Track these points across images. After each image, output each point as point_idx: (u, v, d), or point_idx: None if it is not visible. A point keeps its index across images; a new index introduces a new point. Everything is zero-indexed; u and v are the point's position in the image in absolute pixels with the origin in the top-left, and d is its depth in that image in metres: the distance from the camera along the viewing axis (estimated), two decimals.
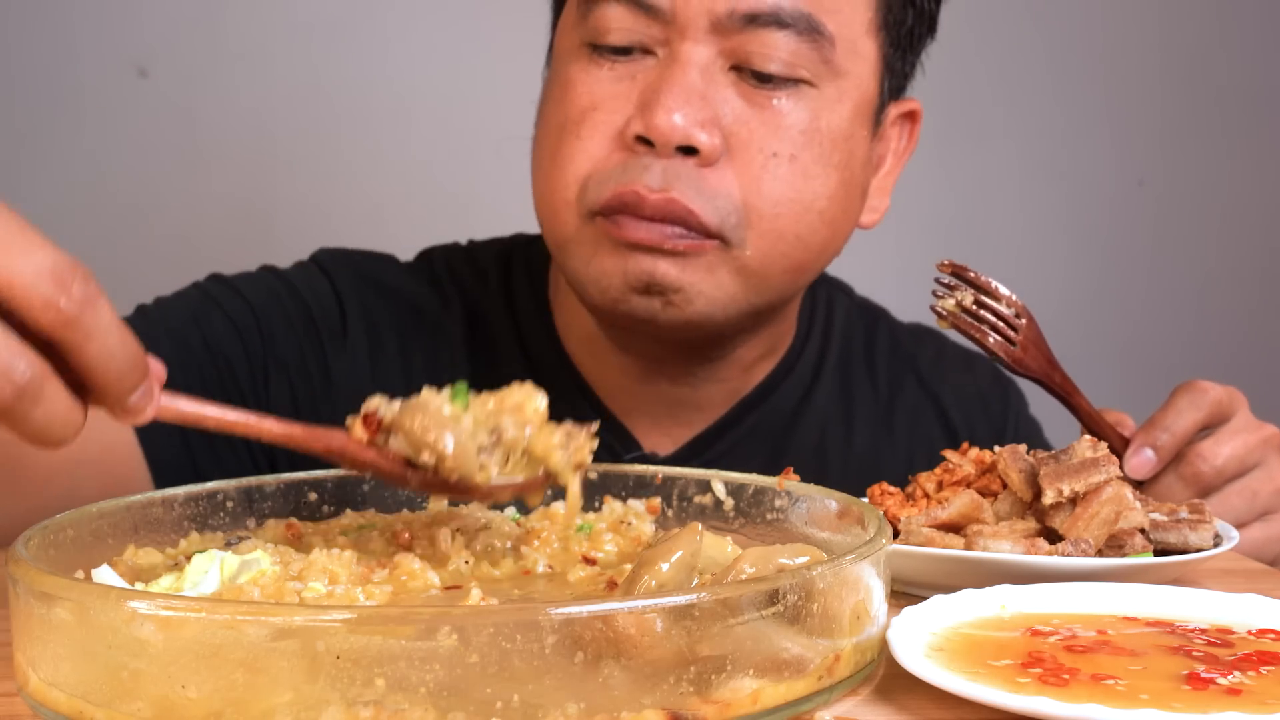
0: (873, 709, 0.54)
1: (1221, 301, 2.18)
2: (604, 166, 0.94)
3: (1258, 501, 0.90)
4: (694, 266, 0.93)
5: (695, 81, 0.92)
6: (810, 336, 1.14)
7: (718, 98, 0.93)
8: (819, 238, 0.97)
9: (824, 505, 0.70)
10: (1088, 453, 0.75)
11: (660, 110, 0.90)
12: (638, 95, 0.93)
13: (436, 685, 0.46)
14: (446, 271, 1.14)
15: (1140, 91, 2.13)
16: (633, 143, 0.92)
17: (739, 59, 0.93)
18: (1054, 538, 0.74)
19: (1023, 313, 0.88)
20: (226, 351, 1.04)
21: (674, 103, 0.90)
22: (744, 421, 1.10)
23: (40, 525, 0.61)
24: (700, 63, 0.92)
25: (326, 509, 0.78)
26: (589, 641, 0.47)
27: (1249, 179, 2.17)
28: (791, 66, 0.93)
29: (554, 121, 0.98)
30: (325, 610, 0.46)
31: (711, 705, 0.48)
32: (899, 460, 1.12)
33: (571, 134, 0.95)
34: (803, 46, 0.93)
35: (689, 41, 0.92)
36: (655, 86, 0.92)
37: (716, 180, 0.92)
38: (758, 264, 0.95)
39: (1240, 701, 0.50)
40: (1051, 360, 0.89)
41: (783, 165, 0.94)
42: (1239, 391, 0.92)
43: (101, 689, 0.49)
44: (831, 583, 0.53)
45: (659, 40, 0.94)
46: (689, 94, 0.91)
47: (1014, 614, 0.62)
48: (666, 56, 0.93)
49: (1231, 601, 0.63)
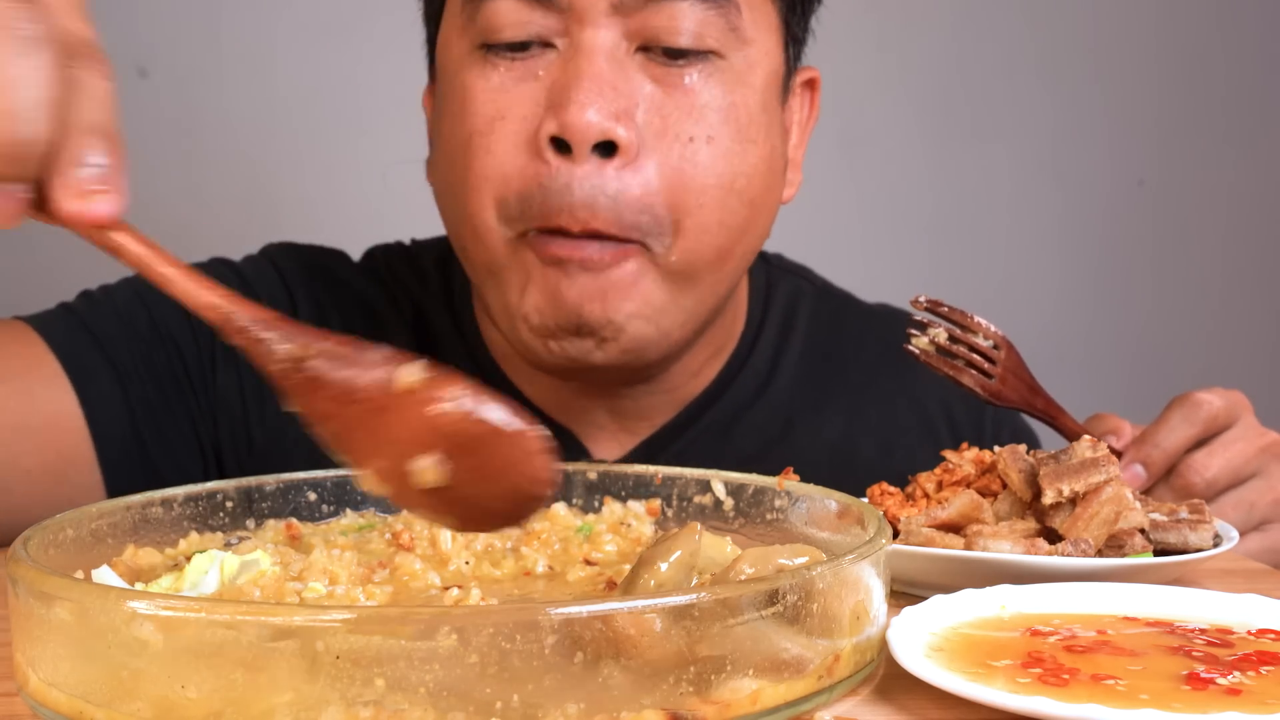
0: (873, 709, 0.54)
1: (1221, 301, 2.18)
2: (521, 184, 0.88)
3: (1255, 513, 0.89)
4: (616, 287, 0.89)
5: (604, 70, 0.87)
6: (764, 328, 1.10)
7: (629, 86, 0.88)
8: (741, 219, 0.93)
9: (824, 505, 0.70)
10: (1088, 453, 0.75)
11: (573, 107, 0.85)
12: (545, 94, 0.88)
13: (436, 685, 0.46)
14: (388, 271, 1.12)
15: (1140, 91, 2.13)
16: (546, 147, 0.87)
17: (646, 38, 0.88)
18: (1054, 538, 0.74)
19: (1001, 343, 0.87)
20: (175, 335, 1.02)
21: (586, 97, 0.85)
22: (698, 422, 1.06)
23: (40, 525, 0.61)
24: (606, 48, 0.87)
25: (326, 509, 0.78)
26: (589, 641, 0.47)
27: (1249, 179, 2.17)
28: (700, 37, 0.89)
29: (457, 137, 0.91)
30: (325, 610, 0.46)
31: (711, 705, 0.48)
32: (874, 447, 1.09)
33: (480, 148, 0.89)
34: (709, 14, 0.89)
35: (590, 27, 0.87)
36: (563, 83, 0.87)
37: (634, 179, 0.87)
38: (682, 264, 0.91)
39: (1240, 701, 0.50)
40: (1033, 386, 0.88)
41: (700, 149, 0.89)
42: (1243, 397, 0.91)
43: (101, 689, 0.49)
44: (831, 583, 0.53)
45: (557, 30, 0.88)
46: (600, 85, 0.86)
47: (1014, 614, 0.62)
48: (568, 47, 0.88)
49: (1231, 601, 0.63)
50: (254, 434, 1.03)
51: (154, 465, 1.00)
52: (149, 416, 1.00)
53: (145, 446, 0.99)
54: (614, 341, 0.91)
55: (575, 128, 0.85)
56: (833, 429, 1.09)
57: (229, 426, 1.03)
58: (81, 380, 0.96)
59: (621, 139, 0.86)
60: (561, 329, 0.90)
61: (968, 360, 0.87)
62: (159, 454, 1.00)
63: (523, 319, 0.91)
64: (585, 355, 0.91)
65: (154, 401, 1.01)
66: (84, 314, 1.01)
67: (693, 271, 0.92)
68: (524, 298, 0.91)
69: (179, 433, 1.02)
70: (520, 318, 0.91)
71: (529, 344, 0.93)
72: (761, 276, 1.13)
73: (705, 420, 1.07)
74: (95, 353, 0.98)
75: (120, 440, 0.97)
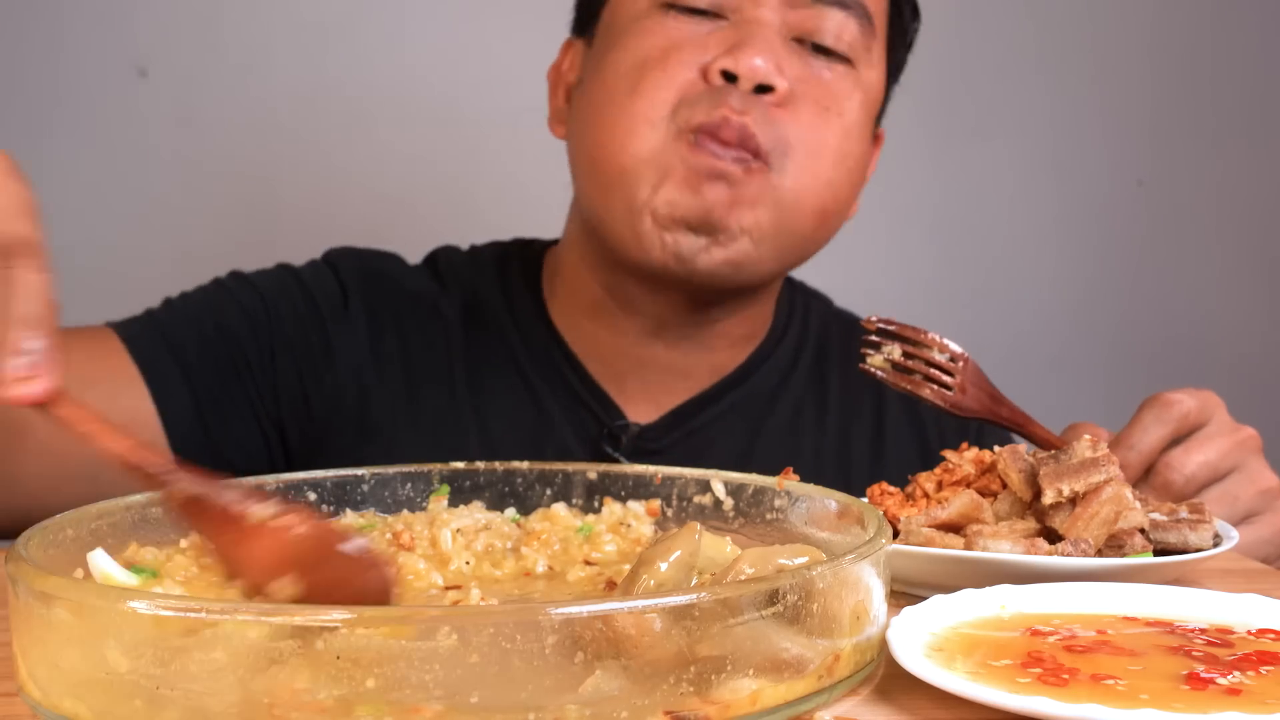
0: (873, 709, 0.54)
1: (1221, 301, 2.17)
2: (693, 92, 1.05)
3: (1239, 506, 0.90)
4: (742, 198, 1.05)
5: (771, 38, 1.06)
6: (788, 332, 1.25)
7: (785, 54, 1.07)
8: (842, 194, 1.12)
9: (824, 505, 0.70)
10: (1088, 453, 0.75)
11: (748, 52, 1.04)
12: (717, 46, 1.06)
13: (437, 685, 0.46)
14: (448, 266, 1.24)
15: (1139, 91, 2.12)
16: (716, 76, 1.05)
17: (802, 31, 1.08)
18: (1054, 538, 0.74)
19: (958, 356, 0.88)
20: (237, 331, 1.15)
21: (758, 50, 1.04)
22: (723, 399, 1.20)
23: (40, 525, 0.61)
24: (774, 26, 1.07)
25: (326, 509, 0.78)
26: (589, 641, 0.47)
27: (1248, 179, 2.17)
28: (845, 43, 1.09)
29: (629, 61, 1.08)
30: (325, 610, 0.46)
31: (711, 705, 0.48)
32: (866, 444, 1.22)
33: (656, 68, 1.06)
34: (854, 27, 1.09)
35: (765, 8, 1.07)
36: (737, 38, 1.05)
37: (778, 114, 1.06)
38: (792, 196, 1.07)
39: (1240, 701, 0.50)
40: (996, 396, 0.90)
41: (830, 118, 1.08)
42: (1214, 396, 0.92)
43: (101, 689, 0.49)
44: (831, 583, 0.53)
45: (733, 7, 1.08)
46: (768, 44, 1.05)
47: (1014, 614, 0.63)
48: (739, 20, 1.07)
49: (1231, 601, 0.63)
50: (313, 404, 1.16)
51: (218, 450, 1.11)
52: (213, 407, 1.12)
53: (209, 433, 1.11)
54: (723, 248, 1.06)
55: (749, 67, 1.04)
56: (833, 426, 1.22)
57: (290, 403, 1.16)
58: (156, 383, 1.09)
59: (779, 85, 1.05)
60: (687, 222, 1.05)
61: (925, 375, 0.88)
62: (221, 438, 1.12)
63: (650, 211, 1.06)
64: (694, 255, 1.06)
65: (216, 392, 1.12)
66: (161, 321, 1.14)
67: (798, 205, 1.08)
68: (657, 193, 1.05)
69: (240, 417, 1.14)
70: (648, 210, 1.06)
71: (646, 237, 1.06)
72: (787, 294, 1.28)
73: (729, 400, 1.20)
74: (168, 357, 1.10)
75: (189, 434, 1.09)
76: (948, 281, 2.10)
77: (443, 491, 0.80)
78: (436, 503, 0.79)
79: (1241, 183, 2.16)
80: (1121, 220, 2.14)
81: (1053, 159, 2.11)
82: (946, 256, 2.10)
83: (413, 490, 0.80)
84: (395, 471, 0.80)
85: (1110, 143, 2.12)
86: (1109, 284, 2.15)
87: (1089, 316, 2.14)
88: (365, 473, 0.79)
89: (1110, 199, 2.14)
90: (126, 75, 1.82)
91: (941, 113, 2.08)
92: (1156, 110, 2.13)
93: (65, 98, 1.81)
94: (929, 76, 2.12)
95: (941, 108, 2.08)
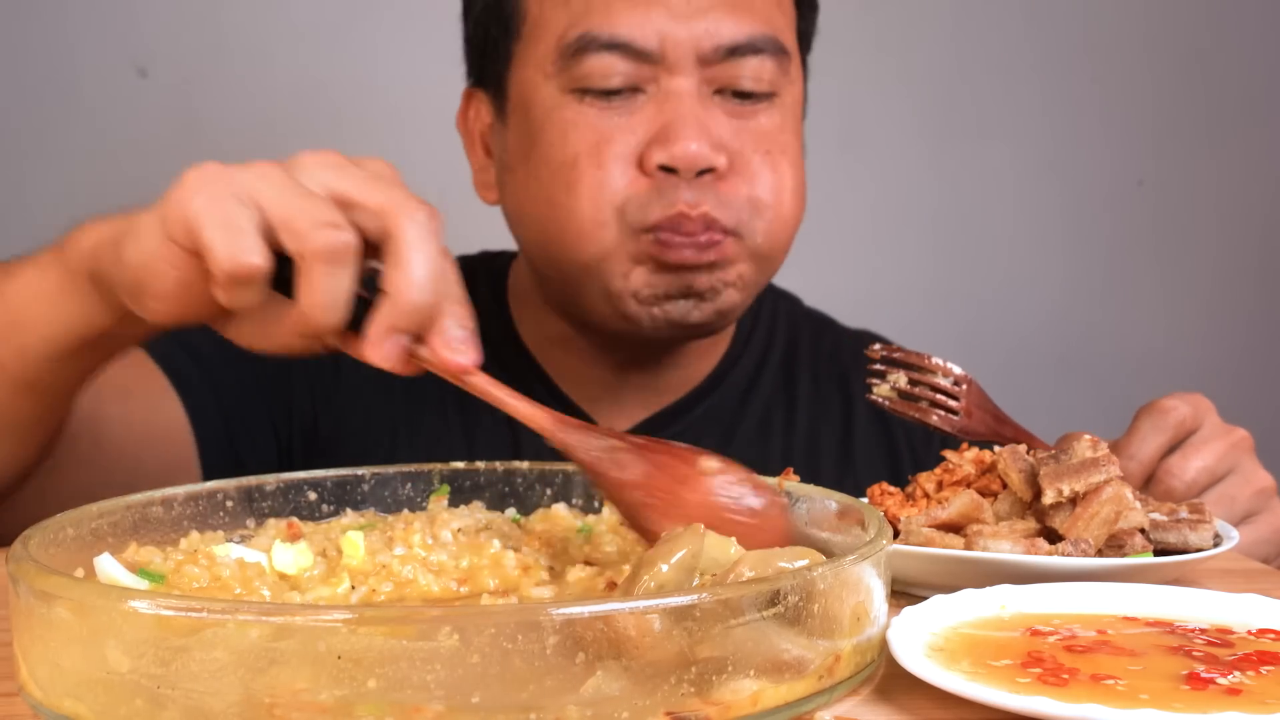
0: (873, 709, 0.54)
1: (1221, 301, 2.18)
2: (636, 191, 1.04)
3: (1236, 507, 0.91)
4: (719, 268, 1.06)
5: (696, 111, 1.04)
6: (754, 333, 1.26)
7: (712, 121, 1.05)
8: (798, 213, 1.12)
9: (824, 506, 0.70)
10: (1088, 453, 0.75)
11: (680, 142, 1.03)
12: (644, 128, 1.04)
13: (438, 685, 0.46)
14: None
15: (1139, 91, 2.13)
16: (654, 171, 1.04)
17: (721, 83, 1.06)
18: (1054, 538, 0.74)
19: (961, 379, 0.89)
20: None
21: (689, 134, 1.03)
22: (695, 408, 1.21)
23: (40, 525, 0.61)
24: (692, 93, 1.05)
25: (326, 508, 0.78)
26: (590, 642, 0.47)
27: (1248, 179, 2.17)
28: (764, 83, 1.07)
29: (559, 159, 1.06)
30: (326, 610, 0.46)
31: (712, 706, 0.48)
32: (834, 440, 1.23)
33: (590, 165, 1.05)
34: (771, 64, 1.08)
35: (679, 76, 1.05)
36: (667, 121, 1.04)
37: (727, 189, 1.05)
38: (767, 248, 1.09)
39: (1240, 701, 0.50)
40: (999, 417, 0.91)
41: (770, 161, 1.08)
42: (1205, 399, 0.94)
43: (102, 689, 0.49)
44: (832, 583, 0.53)
45: (647, 79, 1.05)
46: (697, 125, 1.04)
47: (1014, 614, 0.63)
48: (658, 92, 1.05)
49: (1231, 601, 0.63)
50: (320, 423, 1.18)
51: (241, 460, 1.13)
52: (238, 420, 1.14)
53: (235, 445, 1.13)
54: (711, 303, 1.08)
55: (684, 158, 1.03)
56: (801, 427, 1.24)
57: (301, 419, 1.18)
58: (186, 392, 1.10)
59: (718, 164, 1.04)
60: (669, 295, 1.07)
61: (931, 401, 0.88)
62: (245, 451, 1.14)
63: (631, 295, 1.07)
64: (684, 315, 1.08)
65: (241, 406, 1.15)
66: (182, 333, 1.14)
67: (772, 254, 1.10)
68: (630, 280, 1.06)
69: (261, 431, 1.16)
70: (629, 295, 1.07)
71: (634, 314, 1.08)
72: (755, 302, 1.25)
73: (699, 410, 1.21)
74: (194, 367, 1.12)
75: (217, 443, 1.11)
76: (947, 282, 2.10)
77: (443, 491, 0.80)
78: (436, 503, 0.79)
79: (1241, 183, 2.16)
80: (1121, 220, 2.14)
81: (1053, 159, 2.11)
82: (946, 257, 2.10)
83: (413, 490, 0.80)
84: (395, 471, 0.80)
85: (1110, 143, 2.12)
86: (1108, 283, 2.15)
87: (1088, 316, 2.14)
88: (365, 472, 0.79)
89: (1110, 199, 2.14)
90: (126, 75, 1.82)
91: (941, 113, 2.08)
92: (1156, 110, 2.13)
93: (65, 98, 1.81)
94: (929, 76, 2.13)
95: (941, 108, 2.08)
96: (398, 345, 0.64)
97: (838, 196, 2.03)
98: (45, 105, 1.81)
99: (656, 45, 1.04)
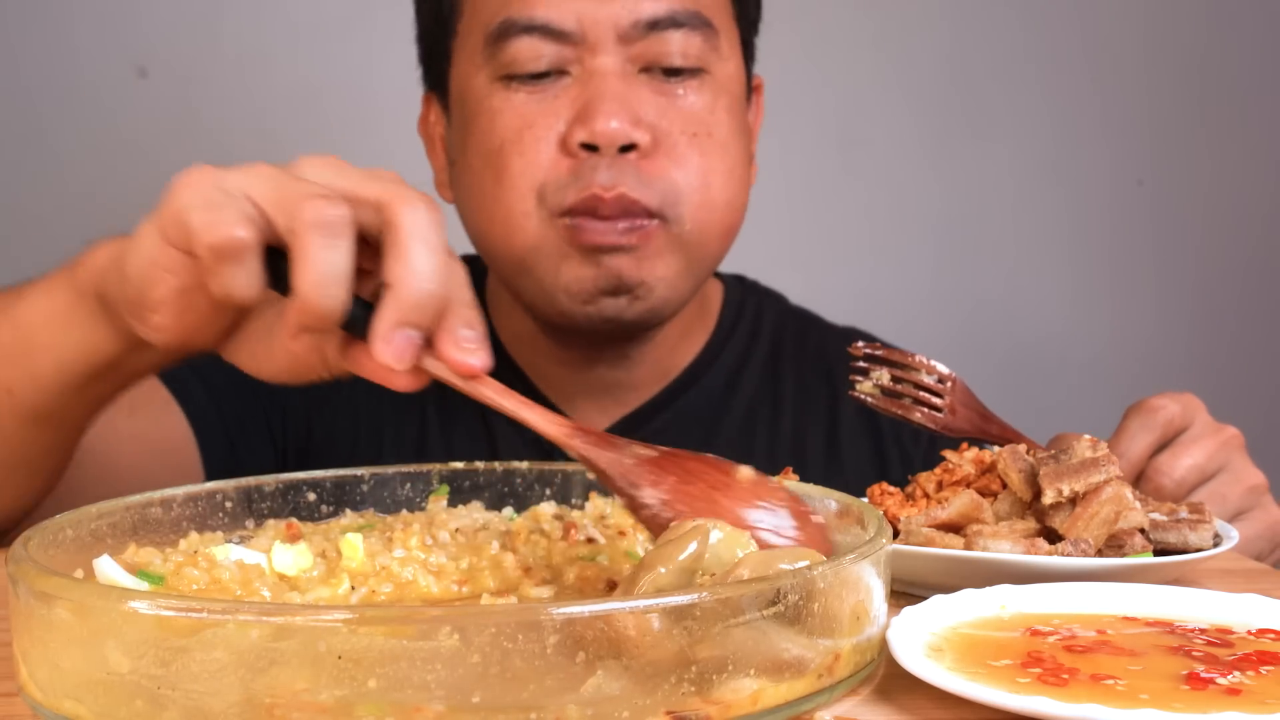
0: (873, 709, 0.54)
1: (1221, 301, 2.17)
2: (555, 174, 1.04)
3: (1229, 504, 0.91)
4: (647, 256, 1.05)
5: (619, 88, 1.04)
6: (736, 330, 1.26)
7: (636, 99, 1.04)
8: (740, 200, 1.11)
9: (824, 505, 0.69)
10: (1088, 453, 0.75)
11: (600, 118, 1.02)
12: (568, 110, 1.04)
13: (438, 685, 0.46)
14: None
15: (1139, 91, 2.12)
16: (577, 150, 1.03)
17: (646, 61, 1.06)
18: (1054, 538, 0.74)
19: (946, 377, 0.89)
20: None
21: (610, 109, 1.02)
22: (673, 405, 1.20)
23: (40, 525, 0.61)
24: (615, 71, 1.04)
25: (325, 509, 0.78)
26: (590, 641, 0.47)
27: (1248, 178, 2.17)
28: (689, 58, 1.06)
29: (487, 147, 1.06)
30: (326, 610, 0.46)
31: (712, 705, 0.48)
32: (821, 439, 1.23)
33: (513, 152, 1.05)
34: (696, 39, 1.06)
35: (601, 55, 1.04)
36: (589, 99, 1.03)
37: (651, 168, 1.04)
38: (696, 236, 1.07)
39: (1240, 701, 0.50)
40: (985, 415, 0.91)
41: (701, 143, 1.07)
42: (1195, 398, 0.94)
43: (102, 689, 0.49)
44: (832, 583, 0.53)
45: (571, 60, 1.05)
46: (619, 100, 1.03)
47: (1014, 614, 0.63)
48: (582, 73, 1.05)
49: (1231, 601, 0.63)
50: (314, 430, 1.19)
51: (242, 467, 1.13)
52: (238, 428, 1.15)
53: (235, 453, 1.14)
54: (643, 301, 1.07)
55: (604, 134, 1.01)
56: (787, 425, 1.23)
57: (295, 425, 1.19)
58: (188, 404, 1.11)
59: (640, 140, 1.03)
60: (601, 291, 1.05)
61: (914, 398, 0.89)
62: (245, 458, 1.14)
63: (563, 290, 1.06)
64: (619, 313, 1.07)
65: (240, 415, 1.15)
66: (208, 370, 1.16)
67: (703, 241, 1.08)
68: (559, 275, 1.05)
69: (260, 440, 1.17)
70: (560, 290, 1.06)
71: (568, 310, 1.07)
72: (736, 292, 1.28)
73: (677, 405, 1.21)
74: (193, 376, 1.12)
75: (219, 453, 1.12)
76: (947, 282, 2.10)
77: (442, 492, 0.80)
78: (436, 503, 0.79)
79: (1242, 182, 2.16)
80: (1121, 220, 2.14)
81: (1053, 159, 2.11)
82: (946, 257, 2.10)
83: (412, 490, 0.80)
84: (394, 471, 0.80)
85: (1110, 143, 2.12)
86: (1108, 283, 2.15)
87: (1089, 316, 2.14)
88: (365, 473, 0.79)
89: (1110, 199, 2.14)
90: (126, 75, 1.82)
91: (941, 113, 2.08)
92: (1156, 110, 2.13)
93: (65, 98, 1.81)
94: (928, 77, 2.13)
95: (941, 108, 2.08)
96: (409, 340, 0.61)
97: (838, 196, 2.04)
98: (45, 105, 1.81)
99: (575, 25, 1.04)
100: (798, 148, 1.95)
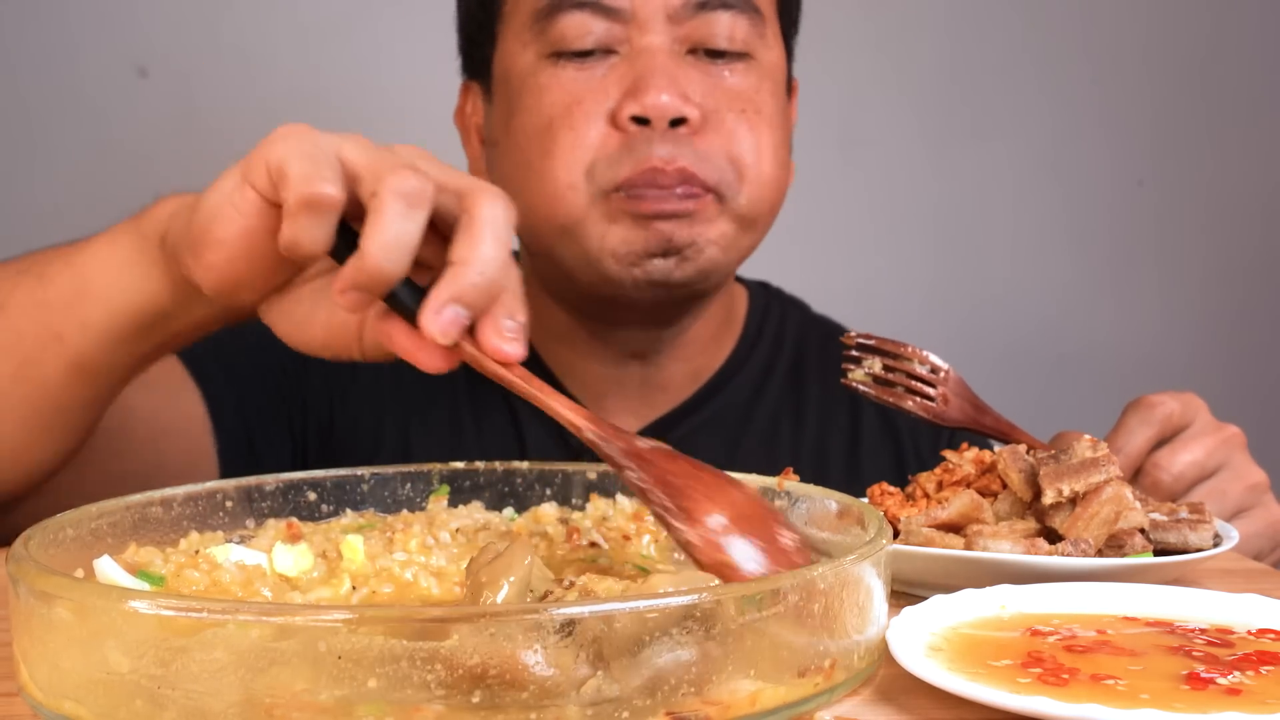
0: (873, 709, 0.54)
1: (1221, 301, 2.17)
2: (606, 149, 1.05)
3: (1228, 501, 0.91)
4: (699, 222, 1.05)
5: (667, 65, 1.05)
6: (759, 342, 1.26)
7: (684, 76, 1.05)
8: (785, 182, 1.13)
9: (824, 505, 0.70)
10: (1088, 453, 0.75)
11: (651, 92, 1.03)
12: (616, 87, 1.05)
13: (438, 685, 0.46)
14: None
15: (1139, 91, 2.12)
16: (627, 124, 1.04)
17: (694, 42, 1.07)
18: (1054, 538, 0.74)
19: (938, 368, 0.89)
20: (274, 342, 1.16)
21: (661, 84, 1.03)
22: (702, 410, 1.21)
23: (40, 525, 0.61)
24: (664, 49, 1.06)
25: (325, 509, 0.78)
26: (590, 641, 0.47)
27: (1248, 179, 2.17)
28: (738, 41, 1.08)
29: (534, 124, 1.07)
30: (326, 610, 0.46)
31: (712, 706, 0.48)
32: (843, 446, 1.23)
33: (563, 127, 1.05)
34: (743, 22, 1.08)
35: (650, 34, 1.05)
36: (639, 74, 1.04)
37: (704, 144, 1.05)
38: (750, 212, 1.08)
39: (1240, 701, 0.50)
40: (979, 406, 0.90)
41: (750, 119, 1.08)
42: (1196, 397, 0.94)
43: (102, 689, 0.49)
44: (832, 583, 0.53)
45: (620, 39, 1.06)
46: (669, 76, 1.04)
47: (1014, 614, 0.63)
48: (630, 51, 1.06)
49: (1231, 601, 0.63)
50: (336, 422, 1.19)
51: (258, 457, 1.13)
52: (257, 416, 1.14)
53: (253, 443, 1.13)
54: (692, 262, 1.07)
55: (656, 107, 1.03)
56: (809, 438, 1.23)
57: (316, 416, 1.19)
58: (205, 384, 1.11)
59: (690, 114, 1.04)
60: (649, 253, 1.05)
61: (906, 387, 0.88)
62: (263, 448, 1.14)
63: (610, 253, 1.06)
64: (666, 275, 1.07)
65: (260, 403, 1.15)
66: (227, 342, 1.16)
67: (755, 215, 1.09)
68: (606, 239, 1.06)
69: (278, 429, 1.17)
70: (607, 254, 1.06)
71: (614, 274, 1.07)
72: (761, 298, 1.29)
73: (706, 411, 1.21)
74: (213, 358, 1.11)
75: (236, 438, 1.12)
76: (947, 282, 2.10)
77: (442, 492, 0.80)
78: (436, 503, 0.79)
79: (1242, 182, 2.16)
80: (1122, 220, 2.14)
81: (1053, 159, 2.11)
82: (946, 257, 2.10)
83: (412, 490, 0.80)
84: (395, 471, 0.80)
85: (1110, 143, 2.12)
86: (1109, 283, 2.15)
87: (1088, 316, 2.14)
88: (365, 473, 0.79)
89: (1110, 199, 2.14)
90: (126, 75, 1.82)
91: (941, 113, 2.08)
92: (1156, 110, 2.13)
93: (65, 98, 1.81)
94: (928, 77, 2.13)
95: (941, 108, 2.08)
96: (457, 317, 0.62)
97: (838, 196, 2.03)
98: (45, 105, 1.81)
99: (626, 2, 1.05)
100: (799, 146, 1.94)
